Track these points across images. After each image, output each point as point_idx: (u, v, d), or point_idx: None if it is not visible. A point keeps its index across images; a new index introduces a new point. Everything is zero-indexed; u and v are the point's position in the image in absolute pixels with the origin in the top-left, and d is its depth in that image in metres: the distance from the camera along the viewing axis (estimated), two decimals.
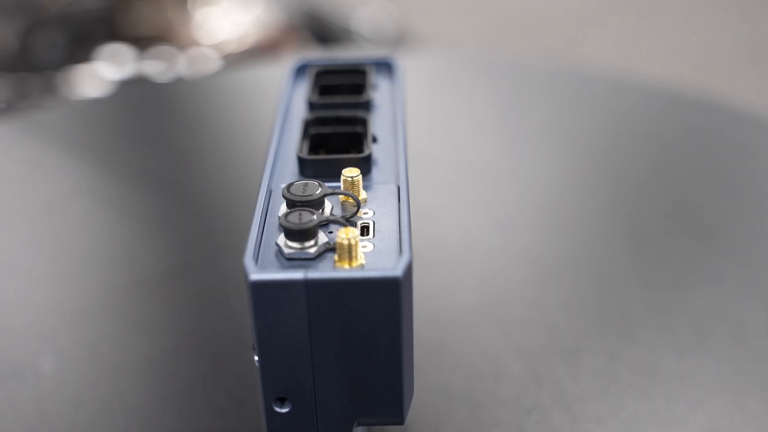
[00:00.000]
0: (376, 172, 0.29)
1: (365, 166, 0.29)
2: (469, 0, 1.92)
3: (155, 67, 1.14)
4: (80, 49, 1.16)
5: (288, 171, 0.29)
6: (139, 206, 0.46)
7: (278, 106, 0.33)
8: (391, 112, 0.33)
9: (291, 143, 0.31)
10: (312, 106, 0.32)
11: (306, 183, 0.27)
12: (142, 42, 1.18)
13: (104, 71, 1.11)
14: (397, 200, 0.28)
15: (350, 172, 0.27)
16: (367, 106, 0.32)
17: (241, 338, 0.36)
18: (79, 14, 1.18)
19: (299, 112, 0.33)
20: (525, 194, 0.47)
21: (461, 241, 0.43)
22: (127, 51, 1.14)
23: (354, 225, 0.26)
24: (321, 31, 1.34)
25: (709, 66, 1.58)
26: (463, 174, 0.49)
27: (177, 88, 0.70)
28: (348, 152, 0.31)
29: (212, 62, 1.16)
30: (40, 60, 1.14)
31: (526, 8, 1.88)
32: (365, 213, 0.27)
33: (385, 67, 0.36)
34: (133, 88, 1.04)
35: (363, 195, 0.28)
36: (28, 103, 1.06)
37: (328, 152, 0.31)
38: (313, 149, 0.31)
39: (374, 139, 0.30)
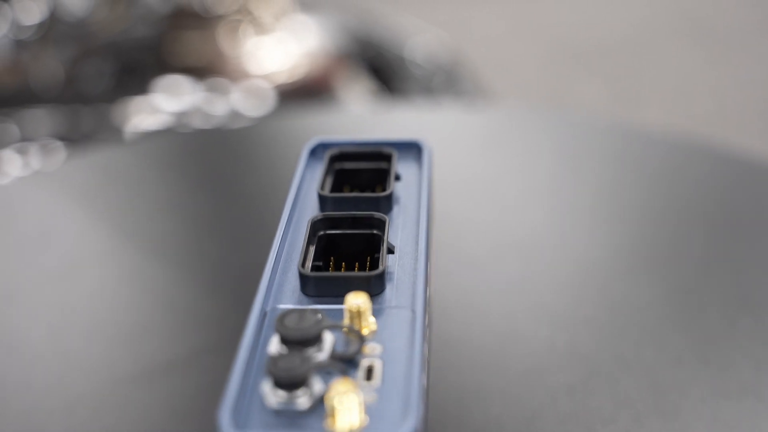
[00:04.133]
0: (390, 291, 0.25)
1: (377, 285, 0.25)
2: (523, 26, 1.87)
3: (209, 99, 1.12)
4: (128, 80, 1.15)
5: (289, 287, 0.25)
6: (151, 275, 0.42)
7: (287, 199, 0.29)
8: (416, 209, 0.29)
9: (296, 249, 0.27)
10: (323, 200, 0.28)
11: (303, 312, 0.23)
12: (191, 72, 1.16)
13: (158, 103, 1.09)
14: (411, 333, 0.23)
15: (356, 298, 0.23)
16: (387, 201, 0.28)
17: None
18: (128, 43, 1.16)
19: (311, 205, 0.29)
20: (572, 273, 0.42)
21: (498, 328, 0.38)
22: (181, 83, 1.12)
23: (356, 365, 0.22)
24: (375, 59, 1.31)
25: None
26: (502, 244, 0.44)
27: (228, 134, 0.67)
28: (363, 257, 0.27)
29: (266, 96, 1.14)
30: (87, 90, 1.13)
31: (583, 33, 1.82)
32: (372, 348, 0.23)
33: (413, 148, 0.32)
34: (186, 130, 1.02)
35: (372, 323, 0.23)
36: (81, 136, 1.04)
37: (338, 258, 0.27)
38: (321, 255, 0.27)
39: (390, 250, 0.26)
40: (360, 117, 0.67)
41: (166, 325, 0.39)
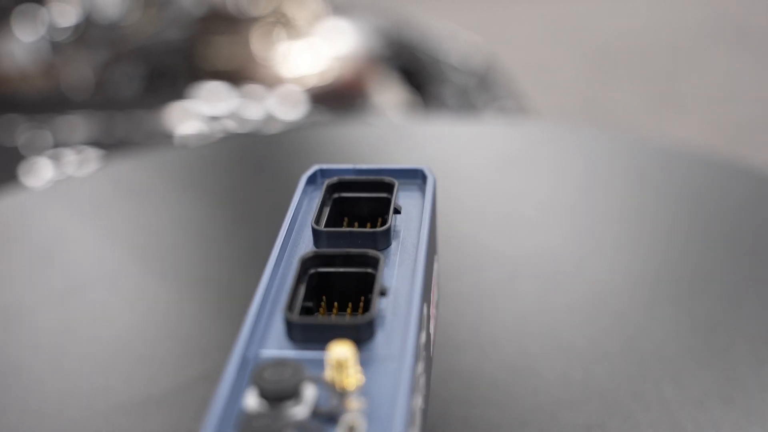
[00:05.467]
0: (381, 338, 0.23)
1: (366, 332, 0.23)
2: (561, 30, 1.84)
3: (245, 105, 1.11)
4: (159, 84, 1.14)
5: (275, 330, 0.24)
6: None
7: (279, 231, 0.27)
8: (415, 244, 0.27)
9: (286, 287, 0.25)
10: (317, 234, 0.27)
11: (283, 363, 0.21)
12: (221, 76, 1.16)
13: (193, 108, 1.09)
14: (398, 386, 0.22)
15: (339, 349, 0.22)
16: (385, 236, 0.27)
17: None
18: (158, 47, 1.16)
19: (305, 238, 0.28)
20: (590, 303, 0.40)
21: (511, 361, 0.37)
22: (216, 88, 1.12)
23: (337, 422, 0.21)
24: (408, 62, 1.29)
25: None
26: (518, 270, 0.42)
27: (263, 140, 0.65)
28: (357, 296, 0.26)
29: (300, 101, 1.13)
30: (117, 95, 1.13)
31: (622, 37, 1.78)
32: (356, 403, 0.21)
33: (418, 176, 0.31)
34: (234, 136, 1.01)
35: (358, 374, 0.22)
36: (115, 142, 1.04)
37: (331, 297, 0.26)
38: (312, 294, 0.25)
39: (383, 292, 0.24)
40: (389, 127, 0.66)
41: (167, 352, 0.38)
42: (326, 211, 0.28)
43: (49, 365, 0.37)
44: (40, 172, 0.97)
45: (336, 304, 0.26)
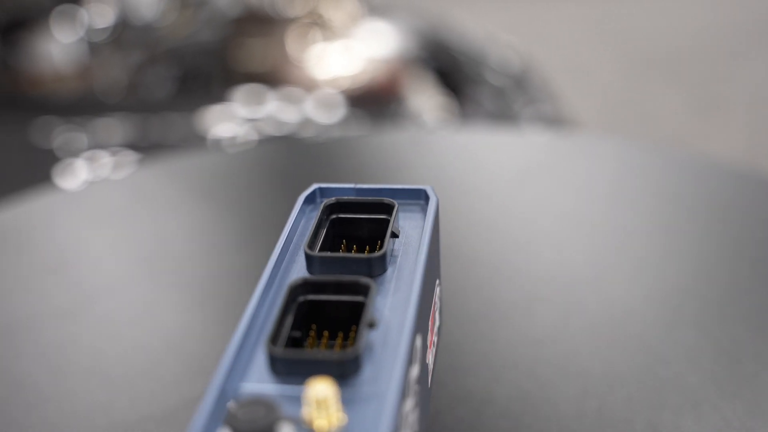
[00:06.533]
0: (368, 373, 0.22)
1: (352, 367, 0.22)
2: (601, 32, 1.81)
3: (282, 108, 1.10)
4: (191, 86, 1.14)
5: (258, 362, 0.23)
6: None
7: (271, 256, 0.26)
8: (411, 271, 0.26)
9: (274, 315, 0.24)
10: (310, 259, 0.26)
11: (256, 403, 0.20)
12: (254, 78, 1.15)
13: (230, 111, 1.08)
14: (381, 426, 0.20)
15: (319, 387, 0.20)
16: (381, 262, 0.25)
17: None
18: (191, 48, 1.16)
19: (299, 262, 0.26)
20: (608, 326, 0.38)
21: (523, 387, 0.35)
22: (253, 91, 1.11)
23: None
24: (445, 64, 1.28)
25: None
26: (536, 290, 0.41)
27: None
28: (349, 325, 0.25)
29: (337, 104, 1.12)
30: (150, 97, 1.13)
31: (663, 38, 1.75)
32: None
33: (421, 196, 0.29)
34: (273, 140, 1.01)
35: (339, 414, 0.21)
36: (150, 144, 1.04)
37: (321, 326, 0.25)
38: (301, 323, 0.24)
39: (371, 324, 0.23)
40: (413, 136, 0.65)
41: (171, 369, 0.37)
42: (322, 233, 0.27)
43: (53, 379, 0.36)
44: (74, 174, 0.98)
45: (326, 333, 0.25)
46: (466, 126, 1.11)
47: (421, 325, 0.25)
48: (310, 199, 0.29)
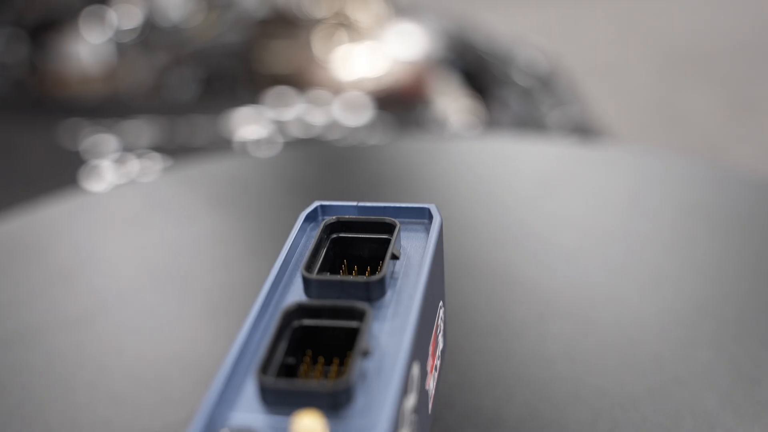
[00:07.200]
0: (361, 403, 0.21)
1: (343, 399, 0.21)
2: (634, 30, 1.78)
3: (309, 110, 1.10)
4: (216, 88, 1.14)
5: (248, 391, 0.22)
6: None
7: (267, 278, 0.26)
8: (411, 294, 0.25)
9: (265, 344, 0.24)
10: (307, 282, 0.25)
11: None
12: (278, 80, 1.15)
13: (257, 114, 1.08)
14: None
15: (306, 422, 0.20)
16: (379, 286, 0.25)
17: None
18: (217, 50, 1.16)
19: (296, 286, 0.26)
20: (624, 345, 0.37)
21: (535, 408, 0.34)
22: (280, 93, 1.11)
23: None
24: (472, 63, 1.27)
25: None
26: (551, 307, 0.40)
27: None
28: (344, 351, 0.24)
29: (364, 107, 1.11)
30: (175, 99, 1.13)
31: (697, 37, 1.72)
32: None
33: (425, 214, 0.28)
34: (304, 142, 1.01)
35: None
36: (177, 147, 1.04)
37: (317, 352, 0.24)
38: (296, 348, 0.24)
39: (365, 353, 0.22)
40: (430, 144, 0.64)
41: (176, 384, 0.36)
42: (321, 254, 0.26)
43: (56, 393, 0.36)
44: (101, 177, 0.98)
45: (322, 360, 0.24)
46: (491, 130, 1.10)
47: (419, 351, 0.24)
48: (311, 217, 0.29)
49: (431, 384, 0.26)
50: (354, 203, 0.28)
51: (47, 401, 0.36)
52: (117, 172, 1.00)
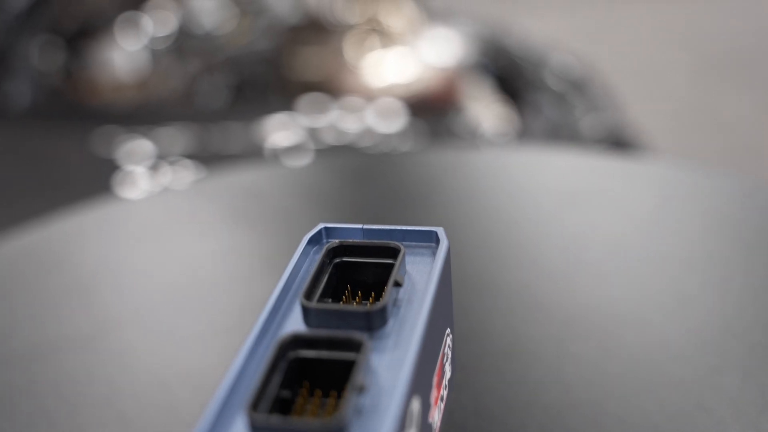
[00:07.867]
0: None
1: None
2: (669, 32, 1.75)
3: (342, 117, 1.10)
4: (248, 95, 1.14)
5: (239, 424, 0.21)
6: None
7: (266, 305, 0.25)
8: (413, 323, 0.24)
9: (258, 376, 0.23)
10: (306, 311, 0.24)
11: None
12: (309, 87, 1.15)
13: (290, 121, 1.08)
14: None
15: None
16: (381, 315, 0.24)
17: None
18: (249, 57, 1.16)
19: (295, 314, 0.25)
20: (644, 368, 0.36)
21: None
22: (313, 100, 1.11)
23: None
24: (505, 68, 1.25)
25: None
26: (571, 326, 0.39)
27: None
28: (343, 383, 0.23)
29: (398, 113, 1.10)
30: (206, 106, 1.13)
31: (734, 40, 1.68)
32: None
33: (432, 238, 0.28)
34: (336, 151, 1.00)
35: None
36: (210, 154, 1.04)
37: (313, 385, 0.23)
38: (291, 381, 0.23)
39: (360, 388, 0.21)
40: (453, 156, 0.63)
41: (185, 404, 0.36)
42: (323, 279, 0.26)
43: (65, 411, 0.36)
44: (135, 184, 0.98)
45: (319, 393, 0.23)
46: (523, 138, 1.08)
47: (420, 385, 0.23)
48: (314, 240, 0.28)
49: (435, 416, 0.25)
50: (359, 226, 0.27)
51: (55, 420, 0.35)
52: (151, 179, 1.00)
